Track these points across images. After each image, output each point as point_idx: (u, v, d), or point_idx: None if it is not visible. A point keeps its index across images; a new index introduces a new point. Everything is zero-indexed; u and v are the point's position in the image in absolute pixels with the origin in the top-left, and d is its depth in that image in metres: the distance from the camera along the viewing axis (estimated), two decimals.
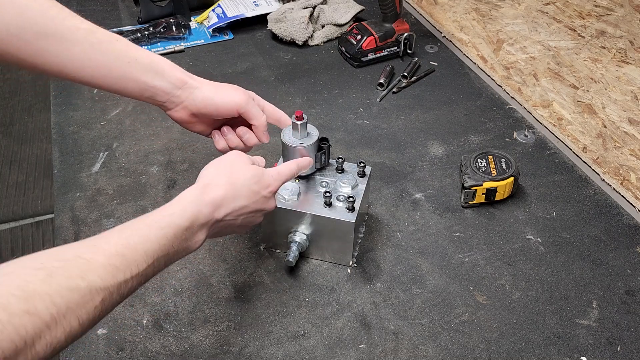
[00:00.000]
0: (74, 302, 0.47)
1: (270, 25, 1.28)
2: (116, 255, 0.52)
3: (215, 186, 0.65)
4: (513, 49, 1.26)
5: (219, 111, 0.76)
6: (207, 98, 0.75)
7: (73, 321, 0.47)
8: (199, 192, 0.64)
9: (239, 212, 0.68)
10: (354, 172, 0.83)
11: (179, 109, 0.75)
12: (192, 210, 0.62)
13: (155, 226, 0.58)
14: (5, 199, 2.08)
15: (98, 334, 0.74)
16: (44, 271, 0.46)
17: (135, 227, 0.57)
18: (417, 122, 1.09)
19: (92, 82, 0.70)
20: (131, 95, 0.73)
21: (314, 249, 0.82)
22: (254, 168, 0.70)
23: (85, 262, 0.50)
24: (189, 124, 0.78)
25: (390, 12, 1.20)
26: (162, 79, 0.72)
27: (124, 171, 0.97)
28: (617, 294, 0.79)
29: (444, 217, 0.90)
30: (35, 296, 0.44)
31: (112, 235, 0.55)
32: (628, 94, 1.13)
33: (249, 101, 0.76)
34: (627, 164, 0.98)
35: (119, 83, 0.71)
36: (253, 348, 0.73)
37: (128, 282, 0.53)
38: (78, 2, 1.41)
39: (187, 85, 0.74)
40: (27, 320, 0.43)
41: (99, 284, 0.49)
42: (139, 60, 0.71)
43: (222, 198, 0.65)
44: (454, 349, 0.73)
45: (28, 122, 2.40)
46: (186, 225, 0.60)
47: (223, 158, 0.71)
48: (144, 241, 0.56)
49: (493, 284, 0.81)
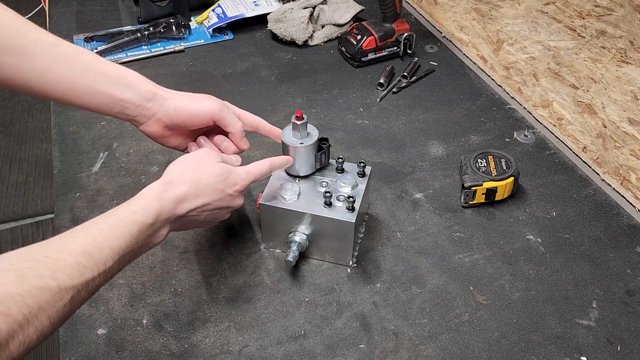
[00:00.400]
0: (45, 301, 0.48)
1: (270, 25, 1.28)
2: (83, 254, 0.53)
3: (179, 183, 0.66)
4: (513, 49, 1.26)
5: (193, 120, 0.74)
6: (179, 108, 0.73)
7: (44, 320, 0.47)
8: (162, 188, 0.65)
9: (202, 209, 0.68)
10: (354, 172, 0.83)
11: (151, 122, 0.74)
12: (155, 206, 0.63)
13: (119, 224, 0.59)
14: (5, 199, 2.08)
15: (98, 334, 0.74)
16: (15, 272, 0.47)
17: (101, 226, 0.58)
18: (417, 122, 1.09)
19: (58, 97, 0.69)
20: (100, 109, 0.71)
21: (314, 249, 0.82)
22: (221, 166, 0.70)
23: (54, 262, 0.51)
24: (164, 139, 0.76)
25: (390, 12, 1.20)
26: (130, 91, 0.71)
27: (124, 171, 0.97)
28: (617, 294, 0.79)
29: (444, 217, 0.90)
30: (8, 297, 0.45)
31: (79, 234, 0.56)
32: (628, 94, 1.13)
33: (223, 108, 0.76)
34: (627, 164, 0.98)
35: (86, 97, 0.69)
36: (253, 348, 0.73)
37: (95, 279, 0.54)
38: (78, 2, 1.41)
39: (157, 97, 0.73)
40: (2, 321, 0.43)
41: (68, 283, 0.50)
42: (105, 72, 0.70)
43: (184, 194, 0.66)
44: (454, 349, 0.73)
45: (28, 122, 2.41)
46: (150, 222, 0.62)
47: (192, 154, 0.71)
48: (109, 239, 0.57)
49: (493, 284, 0.81)
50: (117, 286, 0.79)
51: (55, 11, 1.38)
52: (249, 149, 0.81)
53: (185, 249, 0.85)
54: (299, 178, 0.82)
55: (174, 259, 0.83)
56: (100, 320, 0.75)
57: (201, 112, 0.74)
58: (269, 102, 1.13)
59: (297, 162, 0.80)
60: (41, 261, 0.50)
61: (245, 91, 1.15)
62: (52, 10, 1.39)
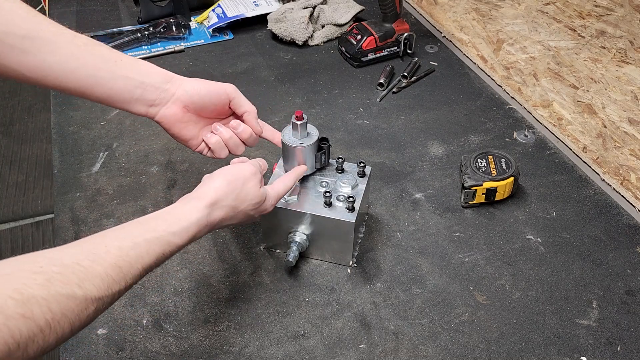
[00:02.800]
0: (69, 309, 0.47)
1: (270, 25, 1.28)
2: (114, 267, 0.53)
3: (220, 207, 0.66)
4: (513, 49, 1.26)
5: (211, 96, 0.75)
6: (197, 86, 0.75)
7: (66, 327, 0.47)
8: (205, 213, 0.64)
9: (227, 225, 0.70)
10: (354, 172, 0.83)
11: (170, 104, 0.74)
12: (194, 231, 0.63)
13: (156, 242, 0.58)
14: (5, 199, 2.08)
15: (98, 334, 0.74)
16: (43, 275, 0.46)
17: (137, 240, 0.57)
18: (417, 122, 1.09)
19: (79, 86, 0.69)
20: (121, 96, 0.71)
21: (314, 249, 0.82)
22: (261, 194, 0.71)
23: (83, 270, 0.50)
24: (181, 126, 0.76)
25: (390, 12, 1.20)
26: (149, 75, 0.72)
27: (124, 171, 0.97)
28: (617, 294, 0.79)
29: (444, 217, 0.90)
30: (32, 300, 0.44)
31: (113, 244, 0.55)
32: (628, 94, 1.13)
33: (237, 89, 0.77)
34: (627, 164, 0.98)
35: (108, 84, 0.69)
36: (253, 348, 0.73)
37: (122, 291, 0.54)
38: (78, 2, 1.41)
39: (174, 79, 0.74)
40: (23, 324, 0.43)
41: (94, 294, 0.50)
42: (123, 60, 0.71)
43: (221, 219, 0.67)
44: (454, 349, 0.73)
45: (28, 122, 2.40)
46: (184, 244, 0.62)
47: (237, 173, 0.70)
48: (143, 256, 0.57)
49: (493, 284, 0.81)
50: None
51: (55, 11, 1.38)
52: (248, 149, 0.81)
53: (185, 249, 0.84)
54: None
55: (174, 259, 0.83)
56: (100, 320, 0.75)
57: (219, 89, 0.76)
58: (269, 102, 1.13)
59: (297, 162, 0.80)
60: (70, 267, 0.49)
61: (245, 91, 1.14)
62: (52, 10, 1.39)
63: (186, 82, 0.75)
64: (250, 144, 0.79)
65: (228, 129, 0.78)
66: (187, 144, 0.78)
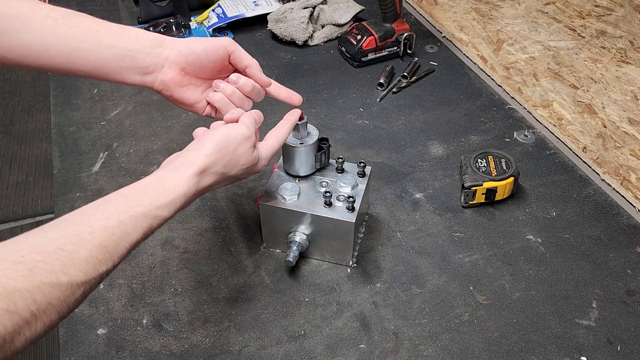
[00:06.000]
0: (55, 297, 0.46)
1: (270, 25, 1.28)
2: (99, 248, 0.51)
3: (209, 175, 0.63)
4: (513, 49, 1.26)
5: (208, 53, 0.71)
6: (191, 45, 0.70)
7: (53, 315, 0.46)
8: (194, 184, 0.61)
9: (215, 189, 0.67)
10: (354, 172, 0.83)
11: (166, 68, 0.70)
12: (182, 202, 0.60)
13: (142, 217, 0.56)
14: (5, 199, 2.08)
15: (98, 334, 0.74)
16: (25, 265, 0.45)
17: (122, 218, 0.54)
18: (417, 122, 1.09)
19: (62, 61, 0.65)
20: (109, 67, 0.67)
21: (314, 249, 0.82)
22: (253, 159, 0.68)
23: (68, 255, 0.48)
24: (182, 90, 0.72)
25: (390, 12, 1.20)
26: (137, 41, 0.68)
27: (124, 171, 0.97)
28: (617, 294, 0.79)
29: (444, 217, 0.90)
30: (16, 293, 0.43)
31: (97, 223, 0.52)
32: (628, 94, 1.13)
33: (235, 42, 0.73)
34: (627, 164, 0.98)
35: (93, 56, 0.65)
36: (253, 348, 0.73)
37: (109, 271, 0.52)
38: (78, 2, 1.41)
39: (166, 41, 0.70)
40: (7, 319, 0.42)
41: (80, 279, 0.48)
42: (107, 28, 0.67)
43: (210, 184, 0.64)
44: (454, 349, 0.73)
45: (28, 122, 2.41)
46: (170, 216, 0.59)
47: (229, 136, 0.66)
48: (129, 233, 0.54)
49: (493, 284, 0.81)
50: (117, 286, 0.79)
51: None
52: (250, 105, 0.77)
53: (185, 249, 0.85)
54: (299, 178, 0.82)
55: (174, 259, 0.83)
56: (100, 320, 0.75)
57: (216, 44, 0.71)
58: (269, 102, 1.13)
59: (297, 162, 0.80)
60: (54, 253, 0.47)
61: None
62: None
63: (179, 43, 0.70)
64: (255, 98, 0.75)
65: (229, 84, 0.73)
66: (193, 110, 0.74)
